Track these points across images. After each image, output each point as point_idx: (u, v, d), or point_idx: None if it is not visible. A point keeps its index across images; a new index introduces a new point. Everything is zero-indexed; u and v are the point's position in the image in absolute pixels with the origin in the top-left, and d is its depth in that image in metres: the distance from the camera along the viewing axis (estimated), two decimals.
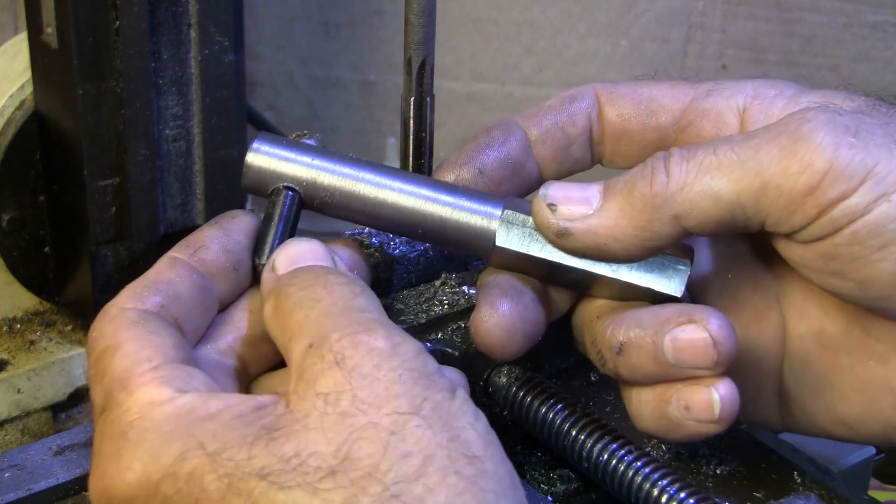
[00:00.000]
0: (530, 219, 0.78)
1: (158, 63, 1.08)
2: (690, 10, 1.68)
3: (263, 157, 0.80)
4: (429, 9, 0.86)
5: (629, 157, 0.86)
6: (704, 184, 0.73)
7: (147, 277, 0.74)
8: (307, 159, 0.80)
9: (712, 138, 0.80)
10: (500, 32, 1.72)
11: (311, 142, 0.83)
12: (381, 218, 0.80)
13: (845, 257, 0.72)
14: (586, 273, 0.78)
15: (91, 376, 0.71)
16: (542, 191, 0.77)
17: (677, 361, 0.73)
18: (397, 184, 0.80)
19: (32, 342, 1.13)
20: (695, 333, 0.73)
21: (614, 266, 0.77)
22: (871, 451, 1.03)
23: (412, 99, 0.89)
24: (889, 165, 0.70)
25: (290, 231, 0.79)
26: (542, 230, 0.77)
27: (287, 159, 0.80)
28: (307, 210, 0.81)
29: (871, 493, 1.04)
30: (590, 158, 0.87)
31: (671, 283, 0.78)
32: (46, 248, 1.15)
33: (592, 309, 0.80)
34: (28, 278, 1.15)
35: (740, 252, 0.83)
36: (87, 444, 0.83)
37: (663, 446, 0.83)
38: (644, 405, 0.76)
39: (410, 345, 0.65)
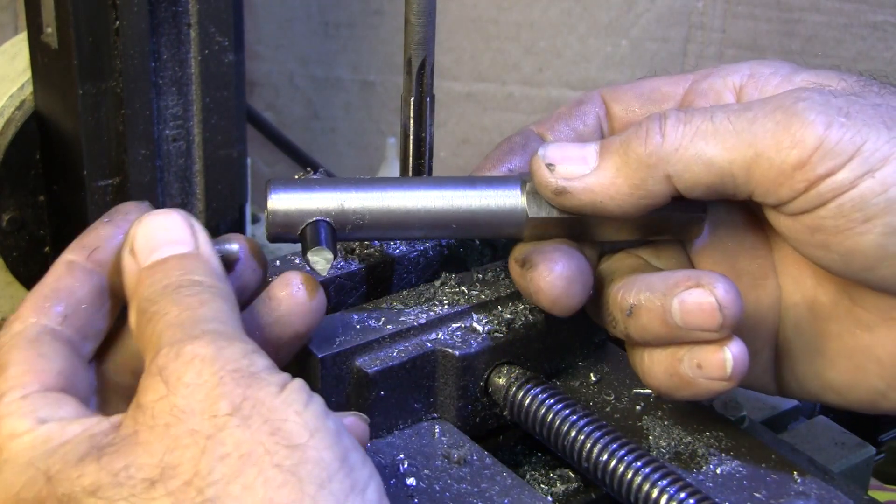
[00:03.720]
0: None
1: (158, 63, 1.08)
2: (690, 10, 1.68)
3: (285, 200, 0.79)
4: (429, 9, 0.86)
5: None
6: (699, 148, 0.76)
7: (47, 285, 0.73)
8: (328, 191, 0.80)
9: None
10: (500, 32, 1.72)
11: (316, 176, 0.84)
12: (413, 226, 0.81)
13: (830, 230, 0.75)
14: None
15: None
16: (540, 151, 0.80)
17: (685, 324, 0.76)
18: (420, 190, 0.81)
19: None
20: (702, 297, 0.75)
21: None
22: (872, 450, 1.03)
23: (412, 99, 0.89)
24: (876, 144, 0.73)
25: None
26: (540, 189, 0.80)
27: (308, 196, 0.80)
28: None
29: (871, 493, 1.04)
30: None
31: (696, 206, 0.81)
32: (46, 248, 1.15)
33: (606, 273, 0.83)
34: (28, 278, 1.15)
35: (739, 221, 0.86)
36: None
37: (662, 443, 0.83)
38: (656, 364, 0.79)
39: (238, 347, 0.65)
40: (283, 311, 0.76)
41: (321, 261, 0.78)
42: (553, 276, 0.79)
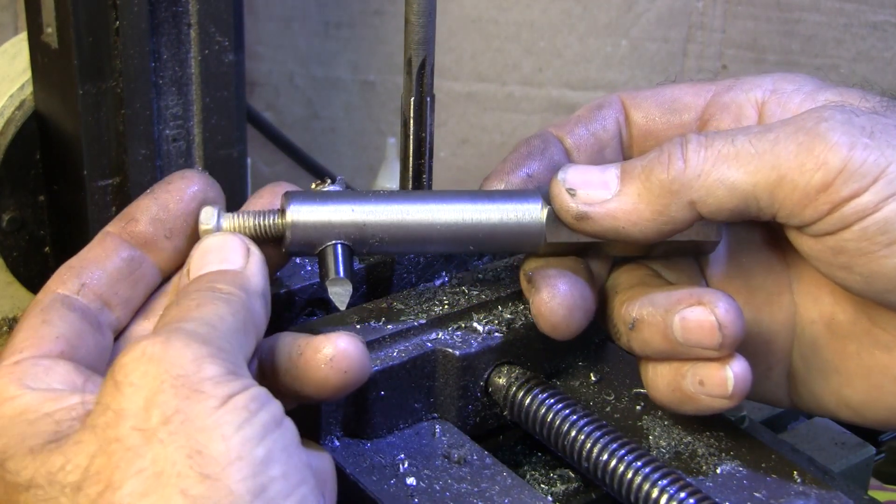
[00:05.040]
0: None
1: (158, 63, 1.08)
2: (690, 10, 1.68)
3: (304, 214, 0.78)
4: (429, 9, 0.86)
5: None
6: (721, 173, 0.75)
7: (76, 257, 0.75)
8: (348, 206, 0.78)
9: None
10: (500, 32, 1.72)
11: (335, 187, 0.83)
12: (434, 242, 0.80)
13: (853, 252, 0.74)
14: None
15: None
16: (560, 175, 0.79)
17: (685, 340, 0.76)
18: (440, 204, 0.80)
19: None
20: (702, 315, 0.76)
21: None
22: (871, 450, 1.03)
23: (412, 99, 0.89)
24: None
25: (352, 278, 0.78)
26: (560, 214, 0.79)
27: (328, 211, 0.78)
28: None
29: (871, 493, 1.04)
30: (622, 160, 0.88)
31: (710, 231, 0.81)
32: (46, 248, 1.15)
33: (615, 285, 0.84)
34: (28, 278, 1.15)
35: (756, 238, 0.86)
36: None
37: (662, 443, 0.83)
38: (660, 378, 0.79)
39: (193, 350, 0.63)
40: (312, 372, 0.72)
41: (341, 292, 0.77)
42: (555, 303, 0.79)
